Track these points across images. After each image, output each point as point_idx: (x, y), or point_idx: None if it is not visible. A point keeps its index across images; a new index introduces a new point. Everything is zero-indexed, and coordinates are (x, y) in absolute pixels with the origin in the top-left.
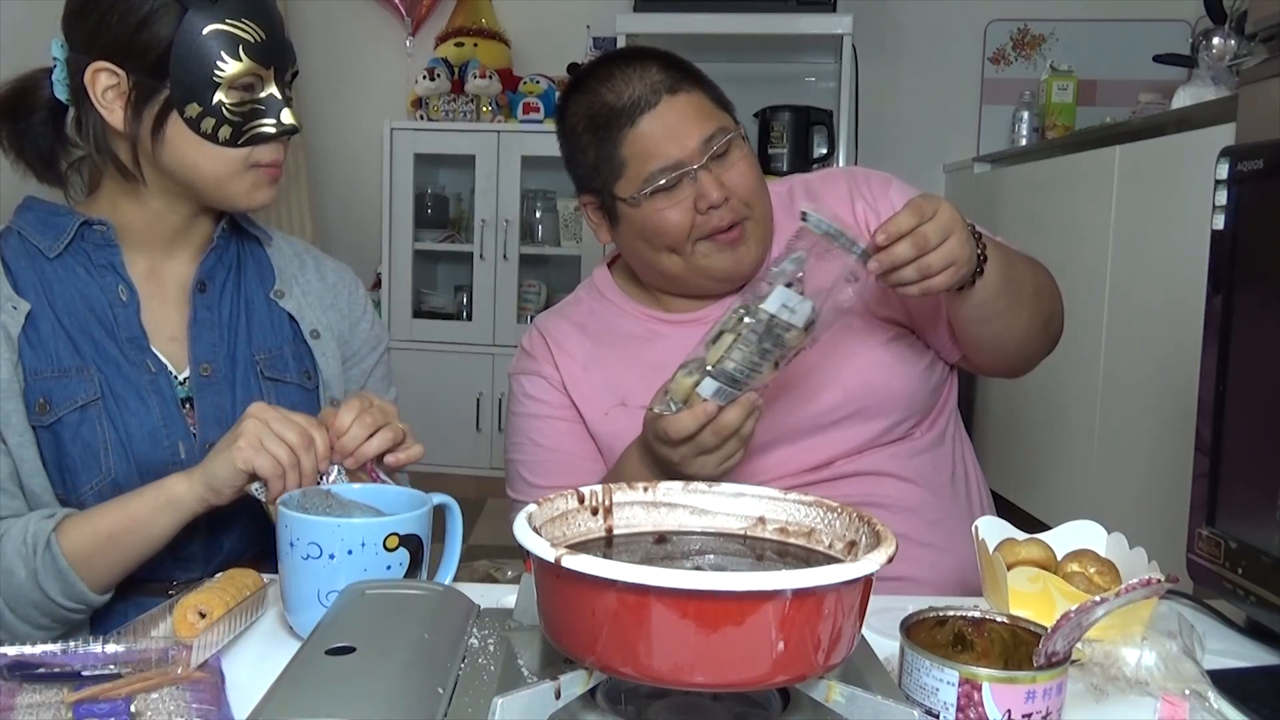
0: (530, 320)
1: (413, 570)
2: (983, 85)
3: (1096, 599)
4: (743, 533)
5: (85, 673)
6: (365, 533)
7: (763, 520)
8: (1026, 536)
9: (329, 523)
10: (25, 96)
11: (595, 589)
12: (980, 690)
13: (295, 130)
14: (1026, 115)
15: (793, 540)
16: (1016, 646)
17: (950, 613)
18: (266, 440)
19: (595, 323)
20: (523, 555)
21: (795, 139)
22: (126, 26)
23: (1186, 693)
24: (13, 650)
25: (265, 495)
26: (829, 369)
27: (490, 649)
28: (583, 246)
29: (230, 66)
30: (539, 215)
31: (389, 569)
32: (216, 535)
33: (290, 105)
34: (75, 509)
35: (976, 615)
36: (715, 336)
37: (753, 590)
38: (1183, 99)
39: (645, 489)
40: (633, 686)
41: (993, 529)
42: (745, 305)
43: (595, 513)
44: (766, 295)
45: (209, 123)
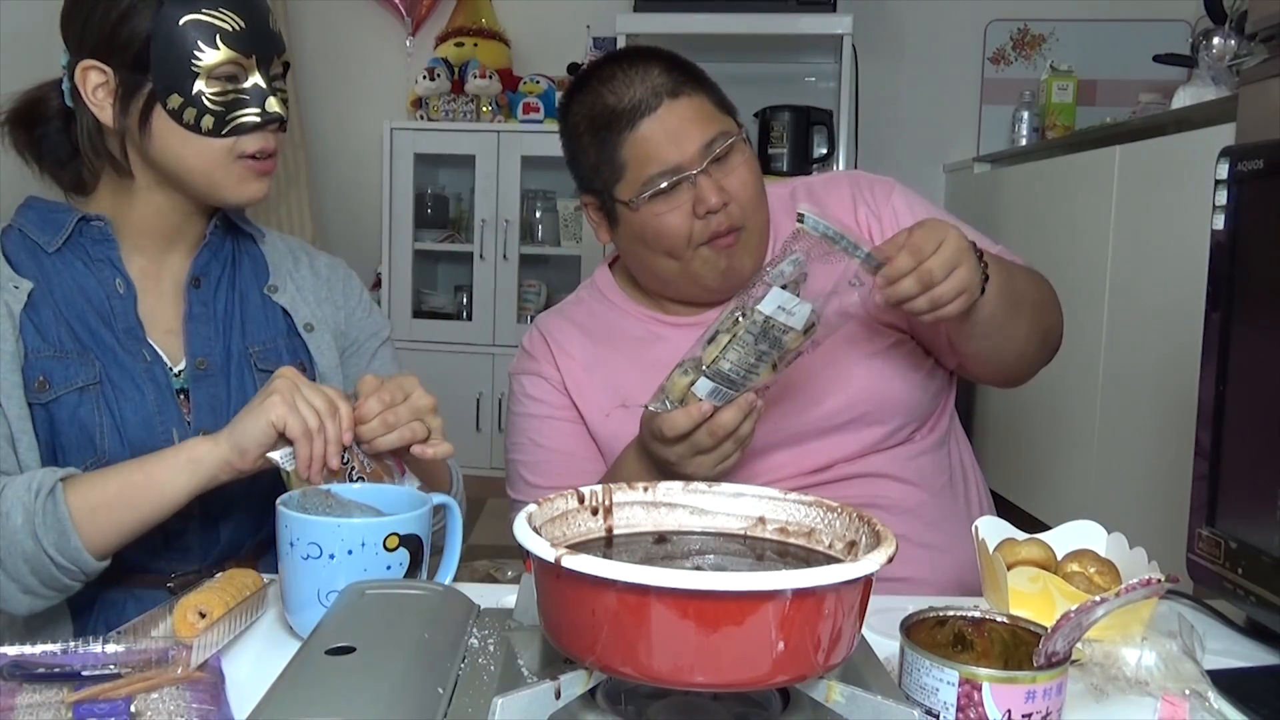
0: (530, 320)
1: (413, 570)
2: (983, 85)
3: (1096, 599)
4: (743, 533)
5: (85, 673)
6: (365, 533)
7: (763, 520)
8: (1026, 536)
9: (329, 523)
10: (37, 106)
11: (595, 589)
12: (980, 690)
13: (281, 119)
14: (1026, 115)
15: (793, 540)
16: (1016, 646)
17: (950, 613)
18: (299, 401)
19: (596, 323)
20: (523, 555)
21: (795, 139)
22: (108, 22)
23: (1186, 693)
24: (13, 650)
25: (291, 463)
26: (831, 375)
27: (490, 649)
28: (583, 246)
29: (208, 56)
30: (539, 215)
31: (389, 569)
32: (213, 526)
33: (276, 95)
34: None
35: (976, 615)
36: (711, 337)
37: (753, 590)
38: (1183, 99)
39: (645, 489)
40: (633, 686)
41: (993, 529)
42: (741, 307)
43: (595, 513)
44: (762, 297)
45: (191, 113)
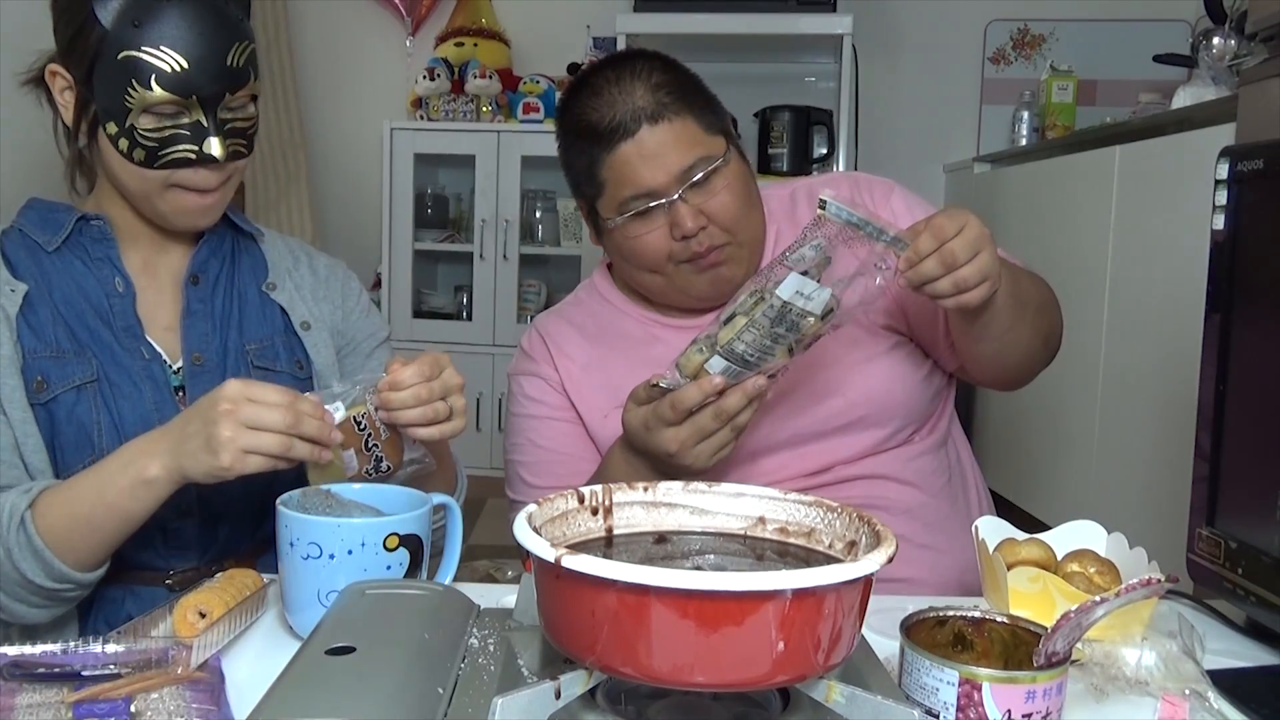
0: (530, 320)
1: (413, 570)
2: (983, 85)
3: (1096, 599)
4: (743, 533)
5: (85, 673)
6: (365, 533)
7: (763, 520)
8: (1026, 536)
9: (329, 523)
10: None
11: (595, 589)
12: (980, 690)
13: (216, 161)
14: (1026, 115)
15: (793, 540)
16: (1016, 646)
17: (950, 613)
18: (246, 441)
19: (595, 324)
20: (523, 555)
21: (795, 139)
22: (67, 34)
23: (1186, 693)
24: (13, 650)
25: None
26: (831, 377)
27: (490, 649)
28: (583, 246)
29: (140, 94)
30: (539, 215)
31: (389, 569)
32: (212, 524)
33: (222, 132)
34: (55, 481)
35: (976, 615)
36: (729, 317)
37: (753, 590)
38: (1183, 99)
39: (645, 489)
40: (633, 686)
41: (993, 529)
42: (760, 289)
43: (595, 513)
44: (780, 281)
45: (124, 143)
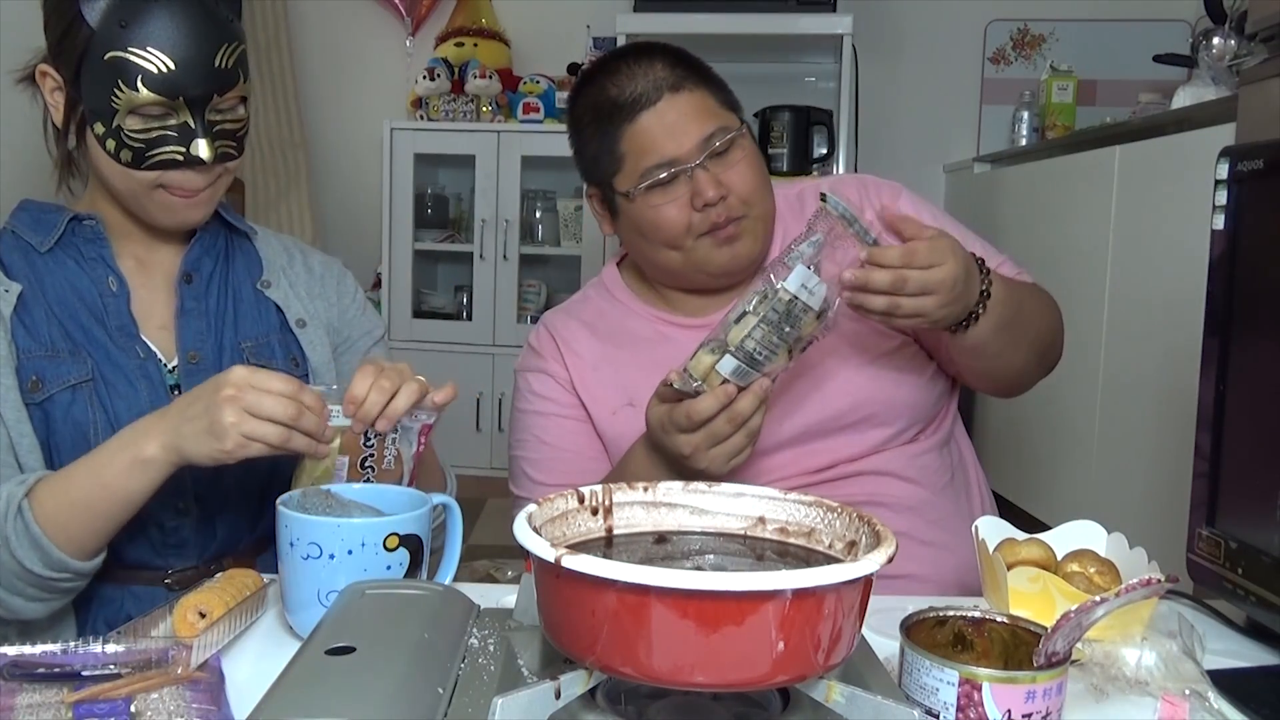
0: (530, 320)
1: (413, 570)
2: (983, 85)
3: (1096, 599)
4: (743, 533)
5: (85, 673)
6: (365, 533)
7: (763, 520)
8: (1026, 536)
9: (329, 523)
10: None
11: (595, 589)
12: (980, 690)
13: (204, 163)
14: (1026, 115)
15: (793, 540)
16: (1016, 646)
17: (950, 613)
18: (249, 429)
19: (604, 322)
20: (523, 555)
21: (795, 139)
22: (55, 34)
23: (1186, 693)
24: (13, 650)
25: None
26: (837, 377)
27: (490, 649)
28: (583, 246)
29: (127, 95)
30: (539, 215)
31: (389, 569)
32: (210, 522)
33: (211, 134)
34: (50, 472)
35: (976, 615)
36: (739, 316)
37: (753, 590)
38: (1183, 99)
39: (645, 489)
40: (633, 686)
41: (993, 529)
42: (765, 286)
43: (595, 513)
44: (786, 275)
45: (111, 144)
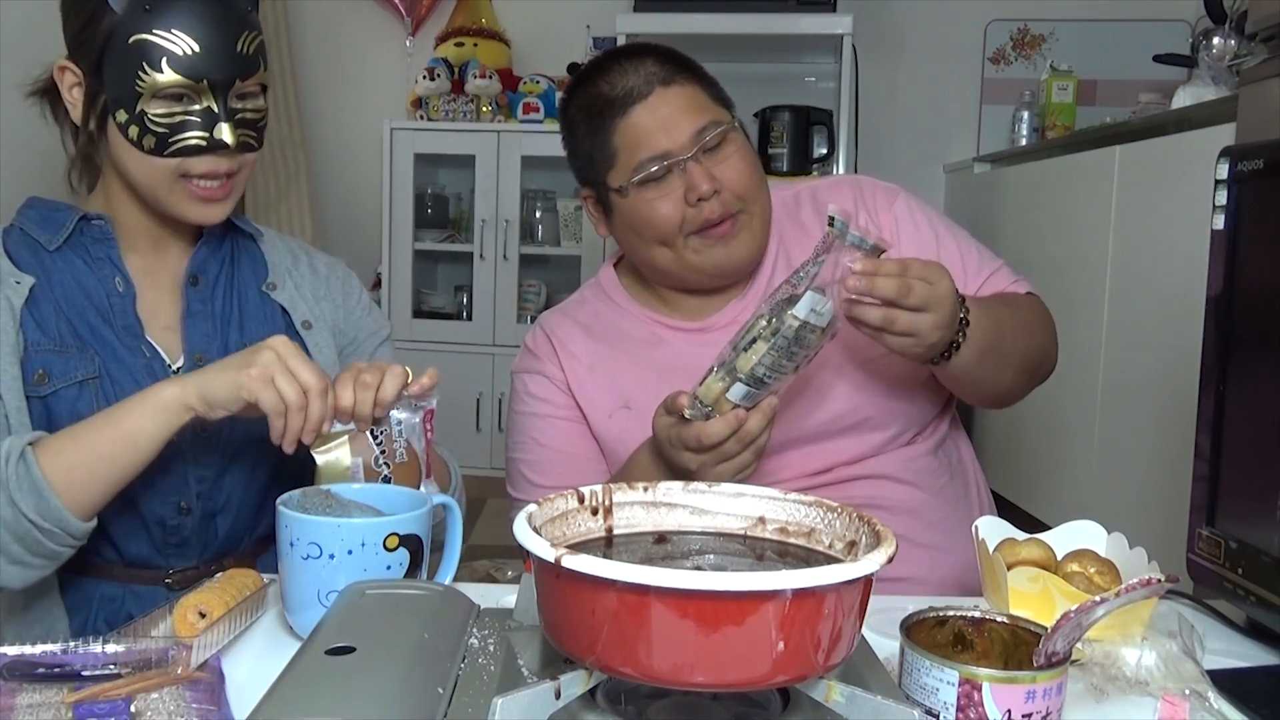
0: (530, 320)
1: (413, 570)
2: (983, 85)
3: (1096, 599)
4: (743, 533)
5: (85, 673)
6: (365, 533)
7: (763, 520)
8: (1026, 536)
9: (329, 523)
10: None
11: (595, 589)
12: (980, 690)
13: (227, 147)
14: (1026, 115)
15: (793, 540)
16: (1016, 646)
17: (950, 613)
18: (279, 377)
19: (600, 324)
20: (523, 555)
21: (795, 139)
22: (76, 25)
23: (1186, 693)
24: (13, 650)
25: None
26: (834, 380)
27: (490, 649)
28: (583, 246)
29: (152, 78)
30: (539, 215)
31: (389, 569)
32: (211, 522)
33: (234, 119)
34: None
35: (976, 615)
36: (749, 344)
37: (753, 590)
38: (1183, 99)
39: (645, 489)
40: (633, 686)
41: (993, 529)
42: (774, 311)
43: (595, 513)
44: (798, 301)
45: (134, 130)
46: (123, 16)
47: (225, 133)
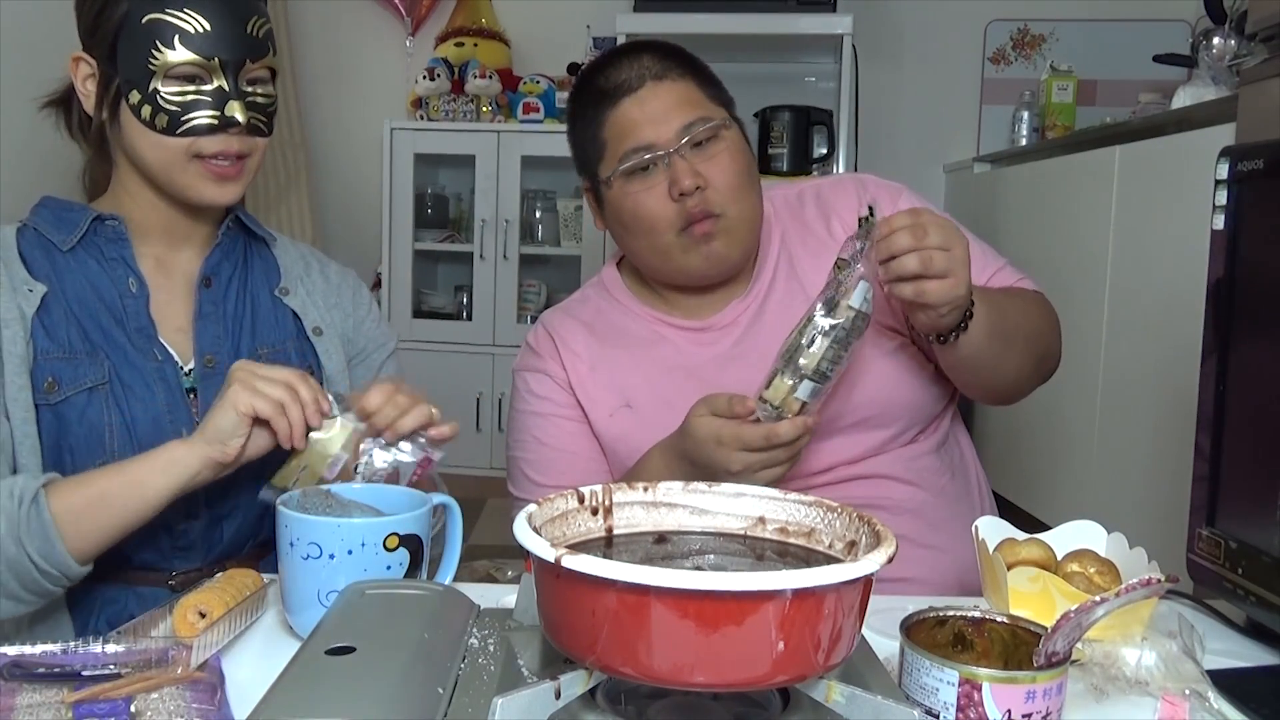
0: (530, 320)
1: (413, 570)
2: (983, 85)
3: (1096, 599)
4: (743, 533)
5: (85, 673)
6: (365, 533)
7: (763, 520)
8: (1026, 536)
9: (329, 523)
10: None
11: (595, 589)
12: (980, 690)
13: (238, 125)
14: (1026, 115)
15: (793, 540)
16: (1016, 646)
17: (950, 613)
18: (259, 384)
19: (602, 322)
20: (523, 555)
21: (795, 139)
22: (89, 14)
23: (1186, 693)
24: (13, 650)
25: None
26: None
27: (490, 649)
28: (583, 246)
29: (164, 56)
30: (539, 215)
31: (389, 569)
32: (218, 525)
33: (244, 100)
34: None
35: (976, 615)
36: (810, 340)
37: (753, 590)
38: (1183, 99)
39: (645, 489)
40: (633, 686)
41: (993, 529)
42: (828, 307)
43: (595, 513)
44: (850, 293)
45: (147, 110)
46: None
47: (236, 110)
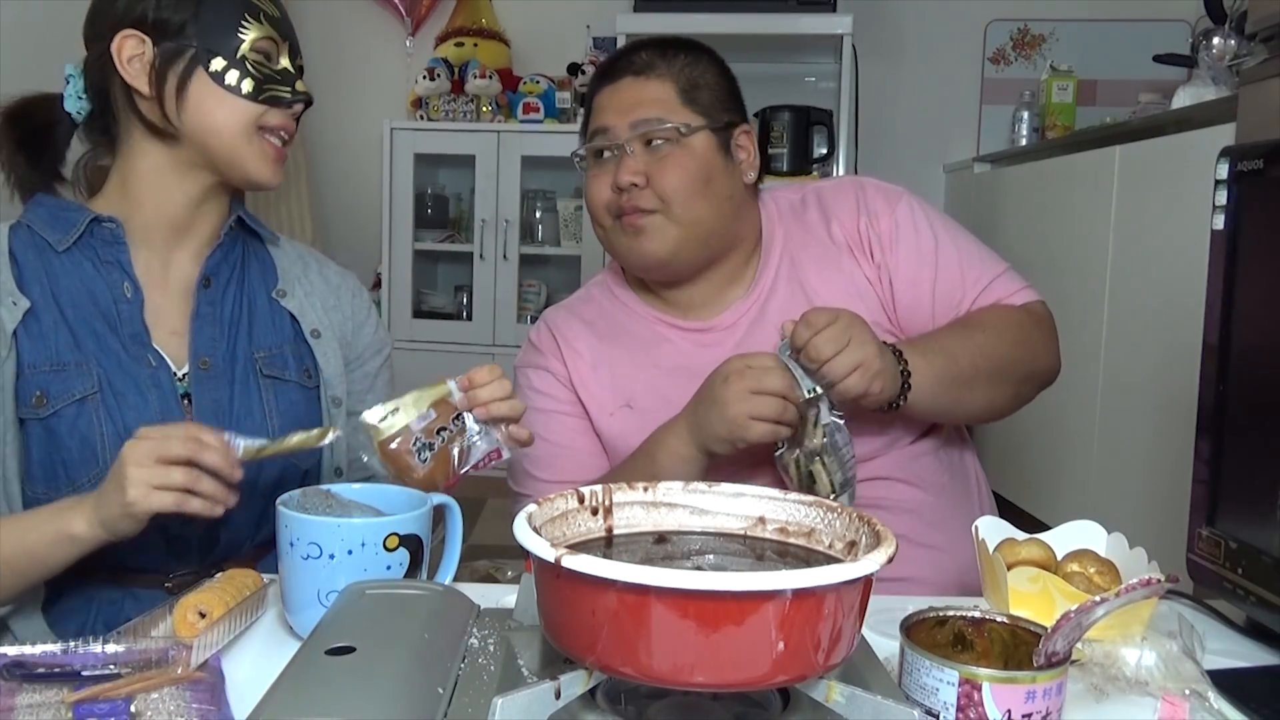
0: (530, 320)
1: (413, 570)
2: (983, 85)
3: (1096, 599)
4: (743, 533)
5: (85, 673)
6: (365, 533)
7: (763, 520)
8: (1026, 536)
9: (329, 523)
10: (36, 111)
11: (595, 589)
12: (980, 690)
13: (308, 99)
14: (1026, 115)
15: (793, 540)
16: (1016, 646)
17: (950, 613)
18: (154, 478)
19: (605, 321)
20: (523, 555)
21: (795, 139)
22: None
23: (1186, 693)
24: (13, 650)
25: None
26: None
27: (490, 649)
28: (582, 246)
29: (252, 29)
30: (539, 215)
31: (389, 569)
32: (213, 526)
33: (301, 79)
34: None
35: (976, 615)
36: (809, 477)
37: (753, 590)
38: (1183, 99)
39: (645, 489)
40: (633, 686)
41: (993, 529)
42: (811, 426)
43: (595, 513)
44: (816, 418)
45: (233, 75)
46: None
47: (303, 87)
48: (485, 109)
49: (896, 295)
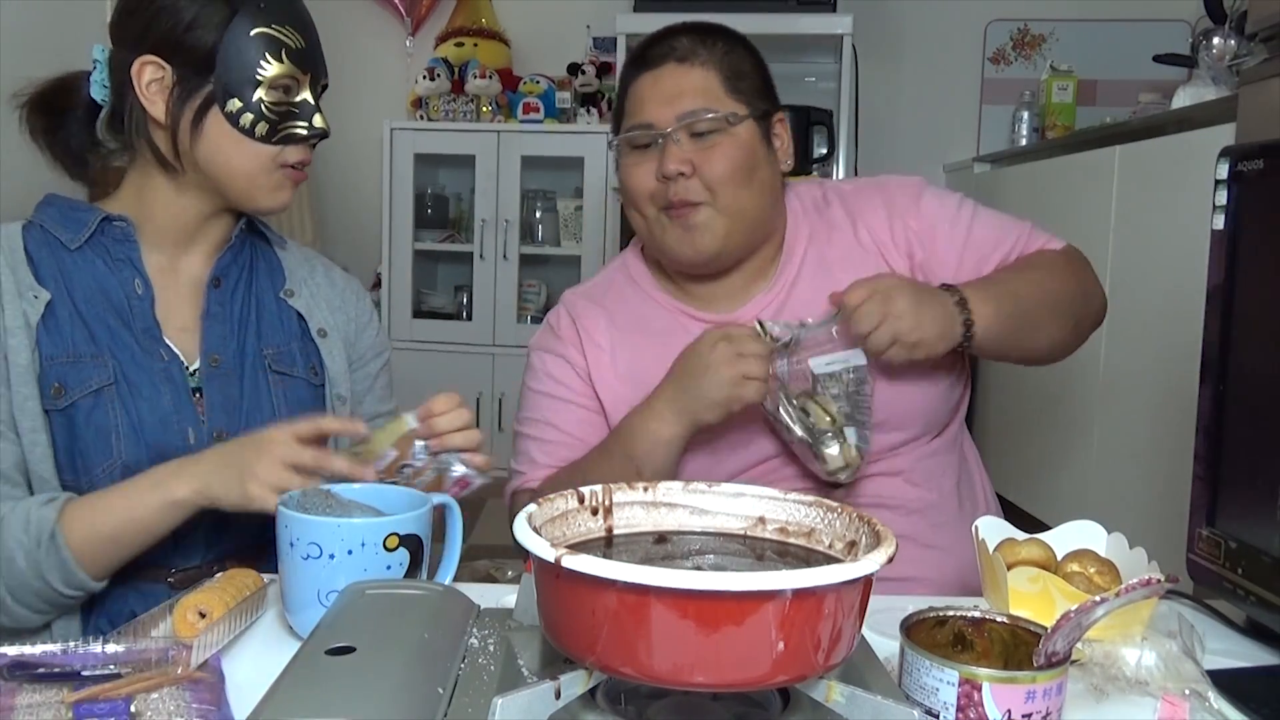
0: (530, 320)
1: (413, 570)
2: (983, 85)
3: (1096, 599)
4: (743, 533)
5: (85, 673)
6: (365, 533)
7: (763, 520)
8: (1026, 536)
9: (329, 523)
10: (64, 94)
11: (595, 589)
12: (980, 690)
13: (325, 134)
14: (1026, 115)
15: (793, 540)
16: (1016, 646)
17: (950, 613)
18: (281, 482)
19: (625, 311)
20: (523, 555)
21: (795, 139)
22: (176, 27)
23: (1186, 693)
24: (13, 650)
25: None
26: None
27: (490, 649)
28: (583, 247)
29: (271, 68)
30: (539, 215)
31: (389, 569)
32: (221, 523)
33: (320, 112)
34: (75, 495)
35: (976, 615)
36: (804, 413)
37: (753, 590)
38: (1183, 99)
39: (645, 489)
40: (633, 686)
41: (993, 529)
42: (801, 392)
43: (595, 513)
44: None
45: (248, 118)
46: (241, 12)
47: (320, 121)
48: (485, 109)
49: (941, 280)
